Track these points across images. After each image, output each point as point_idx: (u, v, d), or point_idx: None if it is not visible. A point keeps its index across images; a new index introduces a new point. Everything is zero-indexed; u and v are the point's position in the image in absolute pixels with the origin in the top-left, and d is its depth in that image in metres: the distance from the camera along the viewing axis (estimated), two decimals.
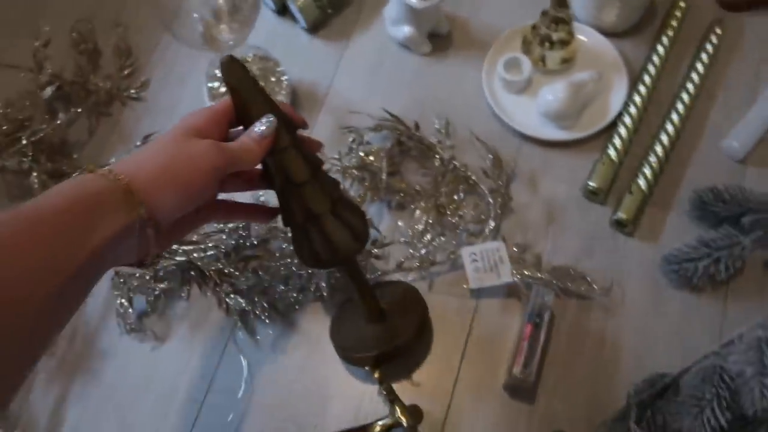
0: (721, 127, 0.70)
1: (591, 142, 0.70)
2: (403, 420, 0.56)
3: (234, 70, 0.46)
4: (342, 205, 0.50)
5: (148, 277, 0.64)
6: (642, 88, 0.70)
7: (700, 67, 0.71)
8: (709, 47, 0.72)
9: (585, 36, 0.75)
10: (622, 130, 0.69)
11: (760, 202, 0.62)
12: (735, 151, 0.67)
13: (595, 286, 0.63)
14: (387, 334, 0.59)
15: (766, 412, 0.50)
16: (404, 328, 0.59)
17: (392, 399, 0.58)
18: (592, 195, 0.67)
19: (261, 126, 0.45)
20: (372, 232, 0.65)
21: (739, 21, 0.75)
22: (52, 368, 0.65)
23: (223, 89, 0.74)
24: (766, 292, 0.62)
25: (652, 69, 0.72)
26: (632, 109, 0.70)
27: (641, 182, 0.66)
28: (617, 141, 0.68)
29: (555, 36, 0.70)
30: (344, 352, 0.61)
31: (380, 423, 0.57)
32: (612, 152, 0.67)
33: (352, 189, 0.68)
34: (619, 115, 0.70)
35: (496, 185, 0.67)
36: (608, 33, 0.75)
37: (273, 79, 0.74)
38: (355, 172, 0.68)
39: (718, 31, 0.73)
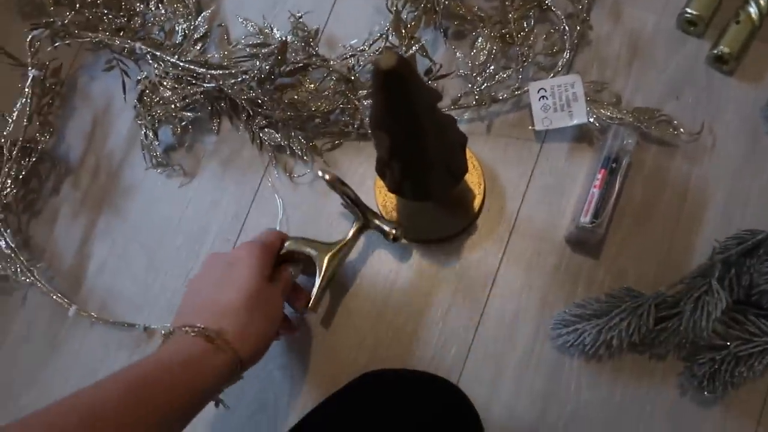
0: None
1: None
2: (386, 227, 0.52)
3: None
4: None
5: (174, 106, 0.58)
6: None
7: None
8: None
9: None
10: None
11: None
12: None
13: (683, 131, 0.54)
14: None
15: None
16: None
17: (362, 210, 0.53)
18: (690, 25, 0.56)
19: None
20: (424, 61, 0.57)
21: None
22: (76, 201, 0.61)
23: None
24: None
25: None
26: None
27: (751, 9, 0.54)
28: None
29: None
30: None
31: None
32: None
33: (405, 11, 0.58)
34: None
35: (575, 9, 0.56)
36: None
37: None
38: None
39: None
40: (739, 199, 0.53)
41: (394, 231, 0.52)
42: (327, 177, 0.48)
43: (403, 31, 0.56)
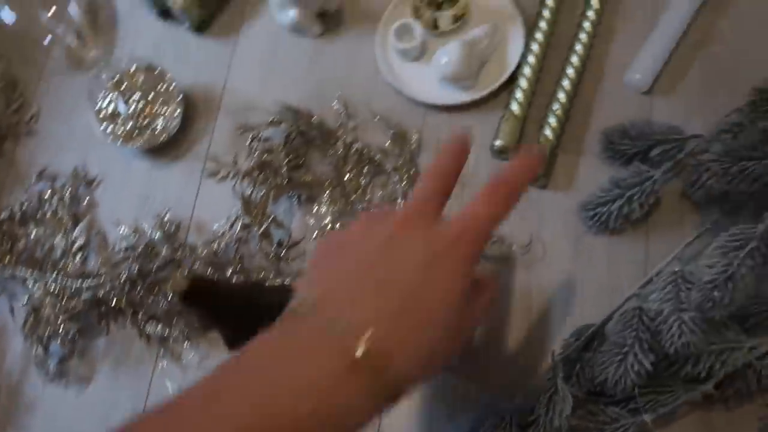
0: (624, 61, 0.67)
1: (495, 100, 0.68)
2: None
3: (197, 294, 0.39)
4: None
5: (59, 321, 0.62)
6: (539, 35, 0.68)
7: (595, 2, 0.69)
8: None
9: None
10: (523, 82, 0.66)
11: (665, 133, 0.61)
12: (639, 83, 0.65)
13: (514, 246, 0.61)
14: None
15: (686, 348, 0.49)
16: None
17: None
18: (500, 154, 0.65)
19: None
20: (279, 233, 0.64)
21: None
22: None
23: (111, 108, 0.70)
24: (685, 222, 0.61)
25: (546, 13, 0.69)
26: (531, 59, 0.67)
27: (548, 133, 0.64)
28: (518, 94, 0.66)
29: None
30: None
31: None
32: (514, 107, 0.65)
33: (254, 192, 0.65)
34: (518, 67, 0.68)
35: (400, 162, 0.65)
36: None
37: (162, 89, 0.71)
38: (256, 173, 0.65)
39: None
40: (575, 295, 0.60)
41: None
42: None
43: (254, 210, 0.63)
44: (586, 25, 0.68)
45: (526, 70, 0.67)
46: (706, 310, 0.49)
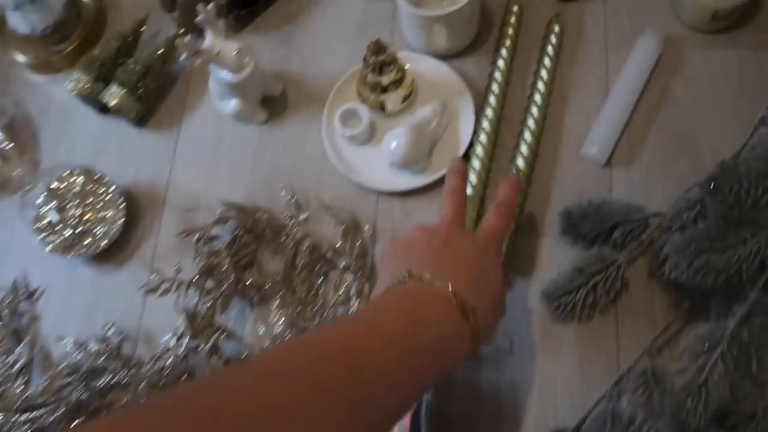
0: (580, 132, 0.65)
1: None
2: None
3: None
4: None
5: None
6: (489, 111, 0.65)
7: (544, 72, 0.66)
8: (549, 49, 0.67)
9: (422, 65, 0.69)
10: (475, 162, 0.64)
11: (625, 212, 0.58)
12: (596, 157, 0.63)
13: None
14: None
15: None
16: None
17: None
18: None
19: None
20: (230, 345, 0.60)
21: (579, 11, 0.71)
22: None
23: (47, 219, 0.67)
24: (655, 303, 0.58)
25: (495, 87, 0.67)
26: (482, 137, 0.65)
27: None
28: (471, 175, 0.63)
29: (385, 80, 0.64)
30: None
31: None
32: (468, 189, 0.63)
33: (200, 304, 0.61)
34: (470, 146, 0.65)
35: (353, 256, 0.62)
36: (447, 56, 0.70)
37: (101, 192, 0.68)
38: (202, 280, 0.62)
39: (557, 28, 0.68)
40: (548, 394, 0.57)
41: None
42: None
43: (201, 322, 0.59)
44: (537, 97, 0.65)
45: (479, 150, 0.64)
46: (681, 418, 0.46)
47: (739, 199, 0.45)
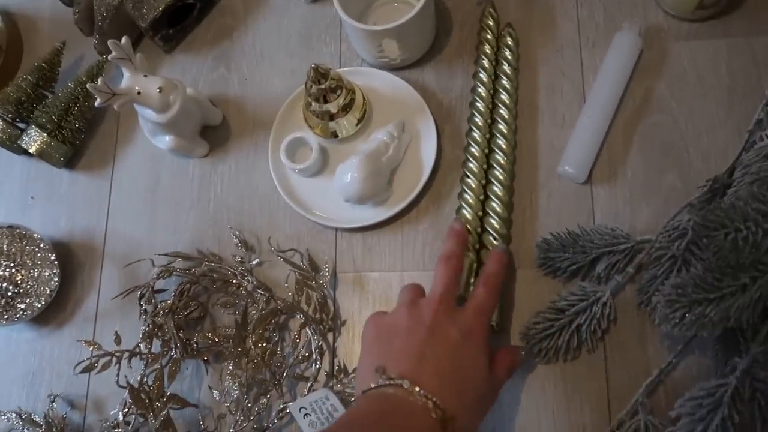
0: (556, 144, 0.58)
1: (417, 207, 0.59)
2: None
3: None
4: None
5: None
6: (476, 133, 0.57)
7: (505, 82, 0.59)
8: (505, 67, 0.59)
9: (375, 80, 0.61)
10: (468, 199, 0.56)
11: (609, 243, 0.52)
12: (574, 176, 0.56)
13: None
14: None
15: None
16: None
17: None
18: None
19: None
20: (187, 412, 0.54)
21: (548, 3, 0.62)
22: None
23: None
24: (645, 336, 0.52)
25: (480, 104, 0.58)
26: (472, 165, 0.56)
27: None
28: (465, 210, 0.55)
29: (333, 107, 0.57)
30: None
31: None
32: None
33: (147, 371, 0.55)
34: (435, 168, 0.58)
35: (310, 309, 0.56)
36: (402, 67, 0.62)
37: (30, 249, 0.61)
38: (147, 347, 0.56)
39: (509, 41, 0.59)
40: None
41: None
42: None
43: (150, 393, 0.54)
44: (503, 111, 0.58)
45: (470, 181, 0.56)
46: None
47: (736, 245, 0.39)
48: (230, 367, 0.54)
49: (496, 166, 0.56)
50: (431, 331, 0.44)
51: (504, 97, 0.58)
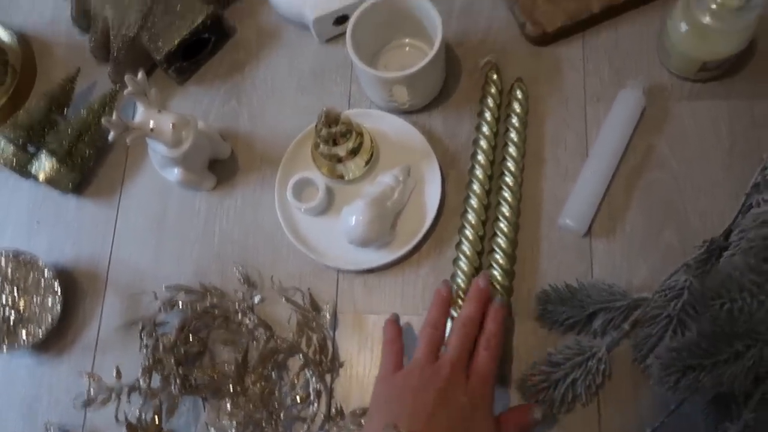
0: (559, 195, 0.59)
1: (418, 253, 0.60)
2: None
3: None
4: None
5: None
6: (476, 185, 0.58)
7: (514, 135, 0.60)
8: (514, 120, 0.60)
9: (384, 123, 0.62)
10: (464, 257, 0.57)
11: (606, 299, 0.53)
12: (574, 229, 0.57)
13: None
14: None
15: None
16: None
17: None
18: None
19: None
20: None
21: (555, 57, 0.63)
22: None
23: None
24: (640, 392, 0.53)
25: (481, 157, 0.59)
26: (470, 216, 0.57)
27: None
28: (460, 270, 0.56)
29: (341, 150, 0.58)
30: None
31: None
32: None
33: (144, 409, 0.56)
34: (438, 213, 0.59)
35: (310, 351, 0.56)
36: (411, 111, 0.63)
37: (34, 277, 0.61)
38: (146, 382, 0.56)
39: (519, 94, 0.61)
40: None
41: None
42: None
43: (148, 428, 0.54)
44: (510, 164, 0.59)
45: (468, 232, 0.57)
46: None
47: (731, 315, 0.40)
48: (228, 405, 0.55)
49: (501, 218, 0.57)
50: (443, 394, 0.46)
51: (512, 149, 0.59)
